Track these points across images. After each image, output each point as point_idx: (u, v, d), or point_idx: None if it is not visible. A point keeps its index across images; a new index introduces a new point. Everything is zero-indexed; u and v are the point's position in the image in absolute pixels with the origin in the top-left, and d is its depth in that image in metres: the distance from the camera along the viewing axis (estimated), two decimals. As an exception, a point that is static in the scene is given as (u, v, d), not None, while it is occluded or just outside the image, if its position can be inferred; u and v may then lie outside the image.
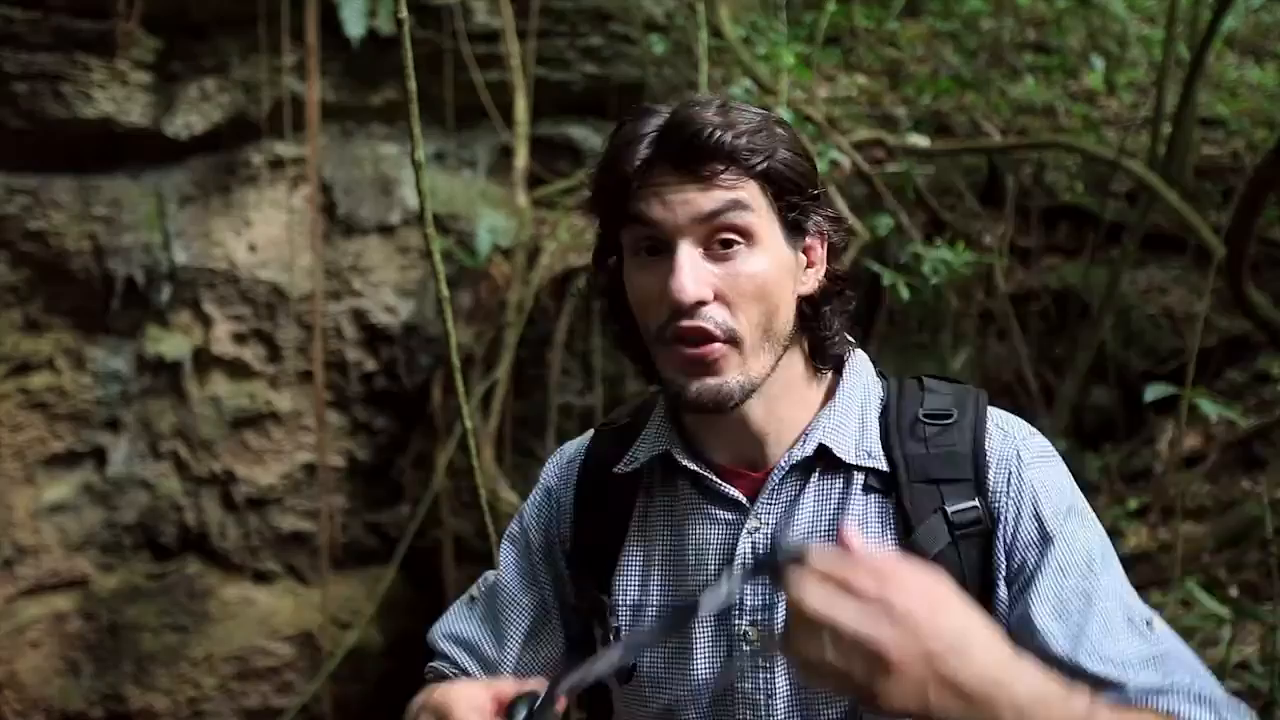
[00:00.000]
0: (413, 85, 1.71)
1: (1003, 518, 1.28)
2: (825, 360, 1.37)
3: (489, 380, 5.68)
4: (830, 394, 1.39)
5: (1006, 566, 1.28)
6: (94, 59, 5.30)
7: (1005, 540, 1.28)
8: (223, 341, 5.99)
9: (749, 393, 1.29)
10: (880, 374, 1.44)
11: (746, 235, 1.26)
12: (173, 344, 5.90)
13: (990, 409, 1.36)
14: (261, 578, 6.23)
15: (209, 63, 5.69)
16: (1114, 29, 7.13)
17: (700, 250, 1.25)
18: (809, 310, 1.35)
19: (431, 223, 1.81)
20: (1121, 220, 6.05)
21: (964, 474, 1.30)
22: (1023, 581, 1.26)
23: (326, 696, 5.96)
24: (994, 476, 1.30)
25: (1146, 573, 4.25)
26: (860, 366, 1.42)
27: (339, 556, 6.16)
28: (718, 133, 1.23)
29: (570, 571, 1.46)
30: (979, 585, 1.27)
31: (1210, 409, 4.01)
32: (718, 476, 1.36)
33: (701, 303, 1.24)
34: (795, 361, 1.36)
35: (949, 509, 1.28)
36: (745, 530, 1.33)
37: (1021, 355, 5.85)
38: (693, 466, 1.37)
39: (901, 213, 5.71)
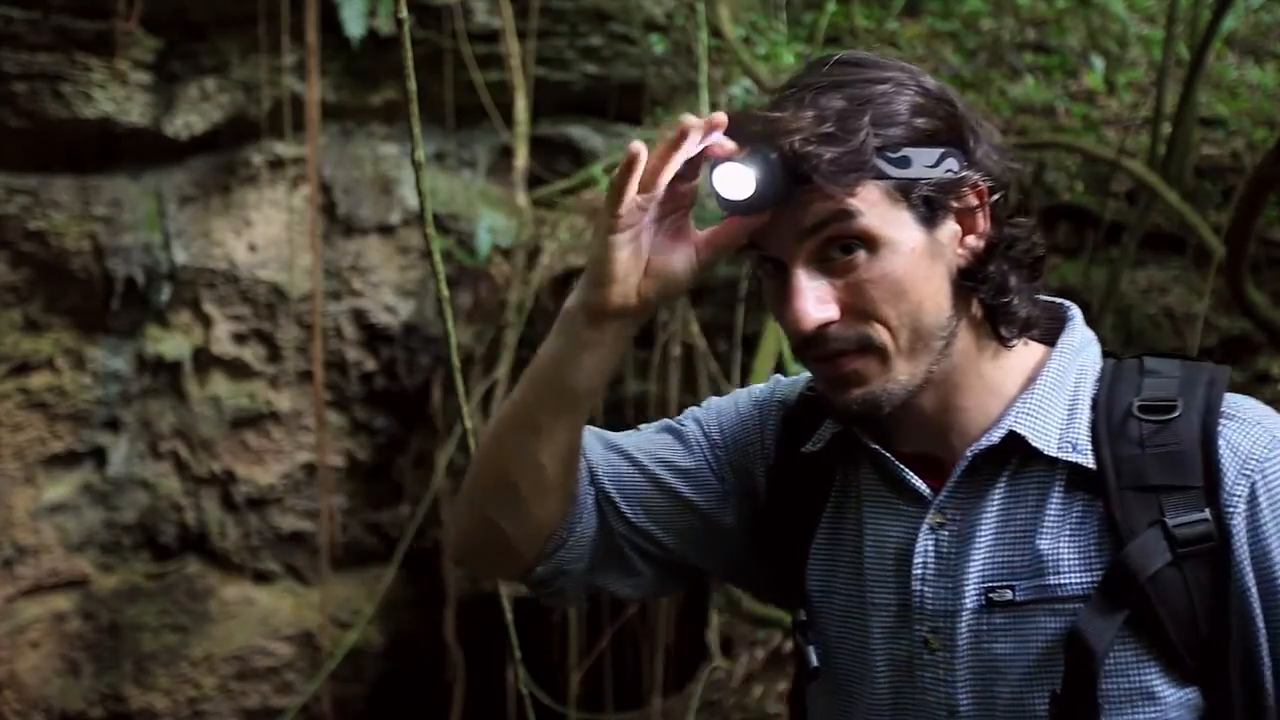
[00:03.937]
0: (413, 85, 1.71)
1: (1238, 538, 1.08)
2: (1010, 328, 1.19)
3: (489, 380, 5.67)
4: (1035, 372, 1.20)
5: (1260, 596, 1.08)
6: (94, 59, 5.29)
7: (1242, 565, 1.08)
8: (223, 341, 5.98)
9: (902, 398, 1.14)
10: (1107, 353, 1.23)
11: (864, 239, 1.10)
12: (173, 344, 5.90)
13: (1229, 395, 1.14)
14: (261, 578, 6.23)
15: (209, 63, 5.69)
16: (1114, 29, 7.12)
17: (816, 266, 1.12)
18: (971, 282, 1.16)
19: (431, 223, 1.81)
20: (1121, 220, 6.04)
21: (1190, 480, 1.09)
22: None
23: (326, 696, 5.95)
24: (1229, 485, 1.09)
25: (1146, 573, 4.24)
26: (1078, 340, 1.23)
27: (339, 556, 6.14)
28: (797, 154, 1.07)
29: (755, 536, 1.32)
30: (1210, 609, 1.08)
31: (1210, 409, 3.99)
32: (903, 464, 1.21)
33: (826, 324, 1.12)
34: (968, 343, 1.18)
35: (1170, 522, 1.08)
36: (926, 525, 1.18)
37: (1021, 355, 5.83)
38: (876, 447, 1.21)
39: (901, 213, 5.69)
